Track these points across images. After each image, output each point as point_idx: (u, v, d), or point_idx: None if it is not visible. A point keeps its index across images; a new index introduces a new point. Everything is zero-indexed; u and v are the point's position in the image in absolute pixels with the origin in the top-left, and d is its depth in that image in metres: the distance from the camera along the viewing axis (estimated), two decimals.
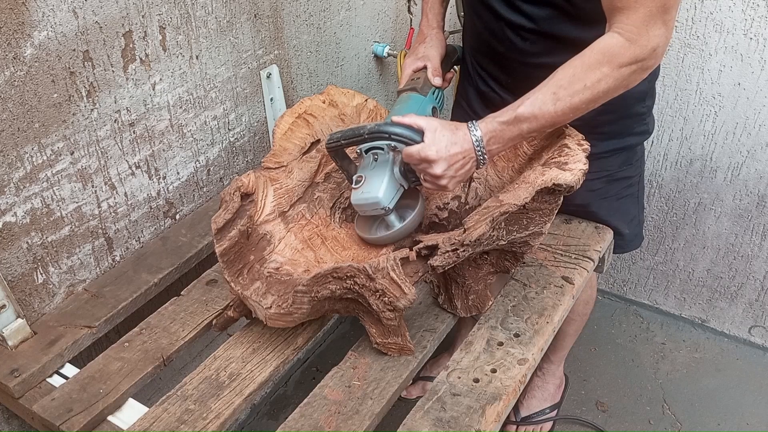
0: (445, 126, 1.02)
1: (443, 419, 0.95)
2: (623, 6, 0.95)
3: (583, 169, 1.00)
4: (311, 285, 0.96)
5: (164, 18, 1.18)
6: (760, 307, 1.89)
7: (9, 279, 1.07)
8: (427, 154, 1.00)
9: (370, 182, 1.08)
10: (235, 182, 1.09)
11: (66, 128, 1.09)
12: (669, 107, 1.71)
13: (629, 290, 2.10)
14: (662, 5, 0.94)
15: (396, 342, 1.04)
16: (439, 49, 1.27)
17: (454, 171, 1.02)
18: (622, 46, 0.95)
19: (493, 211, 0.95)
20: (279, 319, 1.01)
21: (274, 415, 1.82)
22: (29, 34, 0.99)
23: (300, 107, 1.26)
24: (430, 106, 1.20)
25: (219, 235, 1.03)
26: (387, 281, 0.94)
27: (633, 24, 0.95)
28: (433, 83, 1.22)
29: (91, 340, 1.12)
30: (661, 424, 1.78)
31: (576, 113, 1.00)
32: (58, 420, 0.97)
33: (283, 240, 1.13)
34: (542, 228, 1.04)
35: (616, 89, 0.99)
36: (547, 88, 0.99)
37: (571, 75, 0.98)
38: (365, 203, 1.08)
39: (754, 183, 1.70)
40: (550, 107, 0.98)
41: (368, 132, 1.03)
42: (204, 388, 1.01)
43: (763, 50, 1.52)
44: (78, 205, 1.15)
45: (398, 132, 1.01)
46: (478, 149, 1.02)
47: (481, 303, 1.12)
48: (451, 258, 0.96)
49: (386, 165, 1.08)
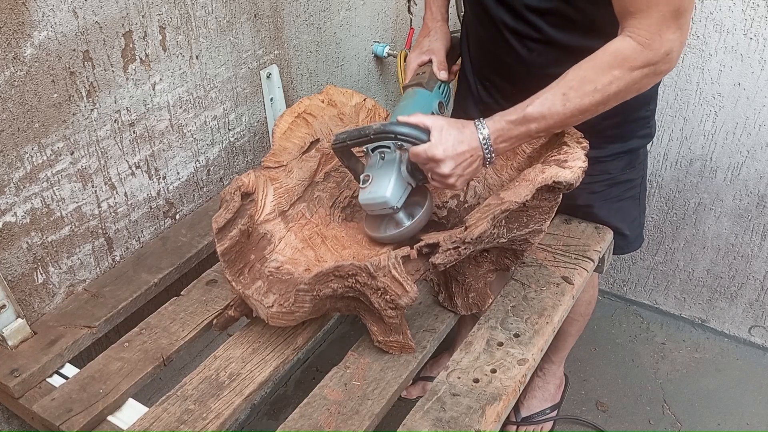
0: (452, 124, 1.02)
1: (443, 419, 0.95)
2: (636, 10, 0.94)
3: (582, 166, 1.00)
4: (313, 284, 0.96)
5: (164, 18, 1.18)
6: (760, 307, 1.89)
7: (9, 279, 1.07)
8: (434, 154, 0.99)
9: (378, 181, 1.07)
10: (235, 182, 1.09)
11: (66, 128, 1.09)
12: (669, 107, 1.71)
13: (629, 290, 2.10)
14: (676, 9, 0.92)
15: (397, 340, 1.04)
16: (444, 42, 1.27)
17: (462, 170, 1.02)
18: (634, 50, 0.94)
19: (494, 208, 0.95)
20: (281, 318, 1.01)
21: (274, 415, 1.82)
22: (29, 34, 0.99)
23: (299, 107, 1.26)
24: (437, 101, 1.19)
25: (220, 235, 1.03)
26: (389, 279, 0.94)
27: (646, 28, 0.93)
28: (438, 77, 1.21)
29: (91, 340, 1.12)
30: (661, 424, 1.78)
31: (585, 115, 1.00)
32: (57, 420, 0.97)
33: (284, 239, 1.14)
34: (542, 226, 1.04)
35: (628, 92, 0.98)
36: (558, 88, 0.98)
37: (582, 76, 0.97)
38: (373, 202, 1.07)
39: (754, 183, 1.70)
40: (559, 108, 0.97)
41: (374, 132, 1.03)
42: (204, 388, 1.01)
43: (763, 50, 1.52)
44: (78, 205, 1.15)
45: (404, 132, 1.01)
46: (486, 147, 1.01)
47: (481, 301, 1.13)
48: (453, 255, 0.96)
49: (393, 164, 1.07)
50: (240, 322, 1.13)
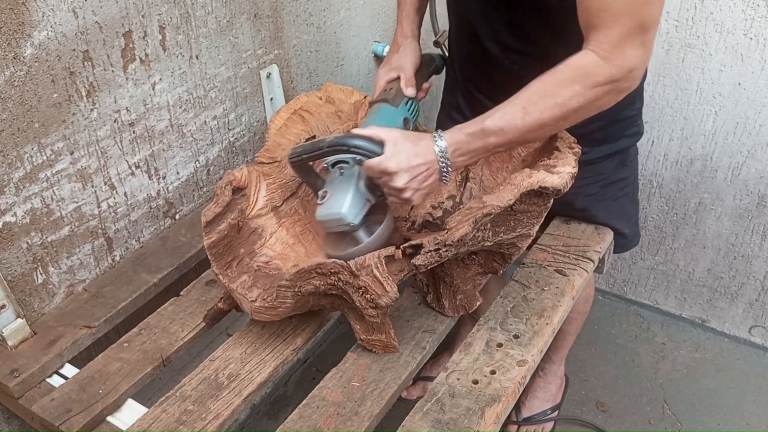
0: (407, 137, 0.99)
1: (442, 421, 0.95)
2: (599, 23, 0.91)
3: (571, 172, 0.98)
4: (294, 280, 0.97)
5: (164, 18, 1.18)
6: (760, 307, 1.89)
7: (9, 279, 1.07)
8: (387, 166, 0.96)
9: (335, 197, 1.03)
10: (227, 176, 1.10)
11: (66, 128, 1.09)
12: (669, 107, 1.71)
13: (629, 290, 2.10)
14: (640, 24, 0.90)
15: (380, 339, 1.04)
16: (412, 59, 1.24)
17: (418, 183, 0.98)
18: (596, 65, 0.92)
19: (475, 212, 0.93)
20: (264, 313, 1.01)
21: (274, 416, 1.82)
22: (29, 34, 0.99)
23: (296, 103, 1.26)
24: (401, 117, 1.16)
25: (208, 228, 1.04)
26: (370, 278, 0.93)
27: (609, 42, 0.90)
28: (405, 93, 1.19)
29: (91, 340, 1.12)
30: (662, 424, 1.78)
31: (545, 130, 0.97)
32: (57, 420, 0.97)
33: (275, 234, 1.14)
34: (530, 230, 1.03)
35: (588, 109, 0.95)
36: (517, 102, 0.95)
37: (542, 90, 0.94)
38: (330, 219, 1.04)
39: (755, 183, 1.70)
40: (518, 122, 0.94)
41: (328, 145, 0.99)
42: (203, 389, 1.01)
43: (763, 50, 1.52)
44: (78, 205, 1.15)
45: (357, 144, 0.97)
46: (442, 161, 0.98)
47: (468, 303, 1.12)
48: (434, 257, 0.95)
49: (352, 179, 1.04)
50: (240, 322, 1.13)
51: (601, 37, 0.91)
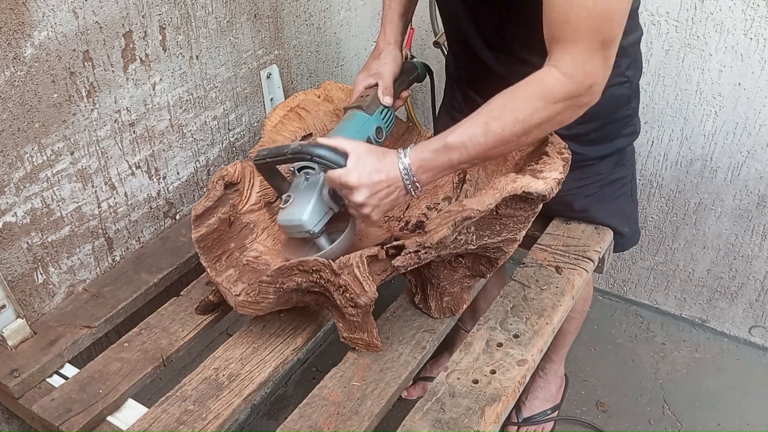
0: (372, 152, 0.97)
1: (442, 420, 0.95)
2: (561, 37, 0.90)
3: (557, 178, 0.96)
4: (276, 276, 0.97)
5: (164, 18, 1.18)
6: (760, 307, 1.89)
7: (9, 279, 1.07)
8: (347, 180, 0.94)
9: (297, 203, 1.03)
10: (220, 171, 1.10)
11: (66, 128, 1.09)
12: (669, 107, 1.71)
13: (629, 290, 2.10)
14: (601, 40, 0.89)
15: (362, 338, 1.04)
16: (392, 67, 1.22)
17: (378, 200, 0.97)
18: (557, 81, 0.91)
19: (455, 215, 0.92)
20: (247, 307, 1.02)
21: (274, 415, 1.82)
22: (29, 34, 0.99)
23: (293, 101, 1.26)
24: (374, 125, 1.15)
25: (197, 222, 1.04)
26: (350, 277, 0.93)
27: (570, 59, 0.90)
28: (382, 102, 1.17)
29: (91, 340, 1.12)
30: (661, 424, 1.78)
31: (507, 146, 0.96)
32: (57, 420, 0.97)
33: (267, 230, 1.14)
34: (516, 235, 1.02)
35: (549, 124, 0.95)
36: (479, 117, 0.94)
37: (503, 106, 0.94)
38: (290, 224, 1.03)
39: (755, 183, 1.70)
40: (480, 138, 0.93)
41: (291, 152, 0.99)
42: (203, 389, 1.01)
43: (763, 50, 1.52)
44: (78, 205, 1.15)
45: (320, 154, 0.95)
46: (406, 178, 0.96)
47: (455, 305, 1.12)
48: (413, 259, 0.94)
49: (316, 186, 1.03)
50: (240, 322, 1.13)
51: (564, 51, 0.91)
